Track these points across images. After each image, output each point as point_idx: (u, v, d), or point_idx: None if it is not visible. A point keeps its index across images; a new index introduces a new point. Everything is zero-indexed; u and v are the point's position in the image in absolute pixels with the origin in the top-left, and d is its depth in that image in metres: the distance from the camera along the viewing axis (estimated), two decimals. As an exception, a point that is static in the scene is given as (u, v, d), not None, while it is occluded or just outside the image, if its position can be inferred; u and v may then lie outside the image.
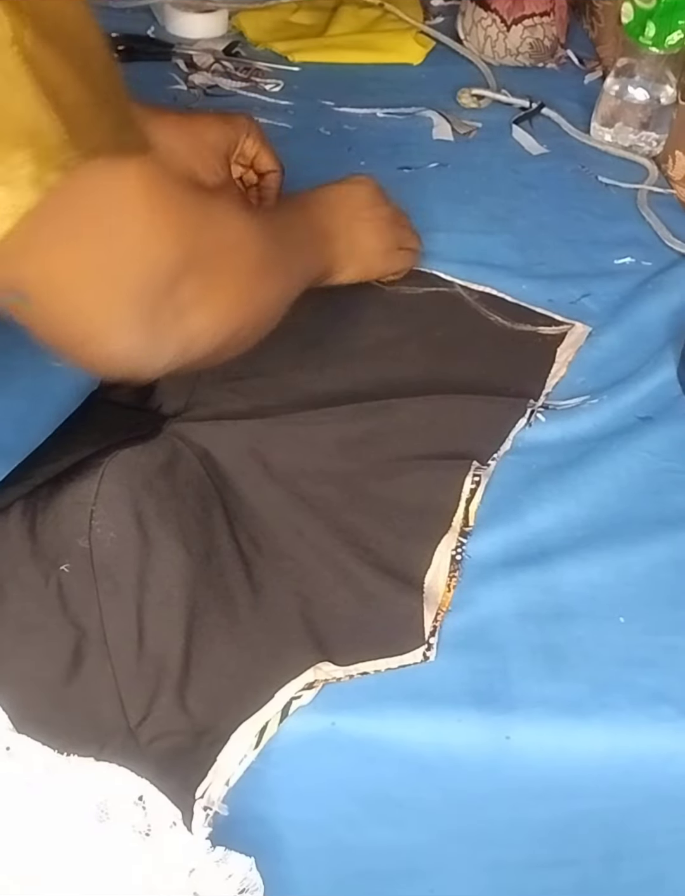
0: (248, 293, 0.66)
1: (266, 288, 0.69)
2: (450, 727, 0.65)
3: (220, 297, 0.63)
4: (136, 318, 0.57)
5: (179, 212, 0.59)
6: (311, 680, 0.65)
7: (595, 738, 0.65)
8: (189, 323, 0.60)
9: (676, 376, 0.91)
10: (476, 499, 0.77)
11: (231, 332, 0.64)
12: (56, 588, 0.65)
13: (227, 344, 0.64)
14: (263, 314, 0.69)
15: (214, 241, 0.62)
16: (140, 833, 0.60)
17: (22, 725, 0.61)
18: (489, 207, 1.12)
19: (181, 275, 0.58)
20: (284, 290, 0.73)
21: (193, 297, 0.59)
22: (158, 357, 0.60)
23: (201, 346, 0.62)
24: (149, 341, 0.58)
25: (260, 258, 0.68)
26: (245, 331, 0.66)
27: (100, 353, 0.58)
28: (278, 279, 0.71)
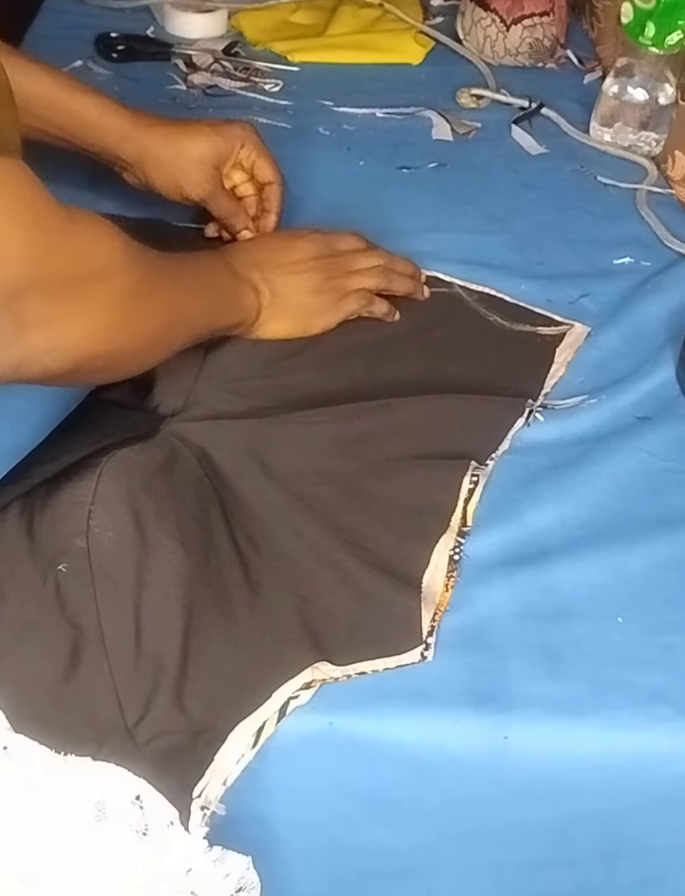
0: (108, 321, 0.65)
1: (132, 325, 0.68)
2: (449, 727, 0.65)
3: (71, 320, 0.62)
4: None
5: (37, 225, 0.59)
6: (309, 680, 0.65)
7: (593, 738, 0.65)
8: (29, 339, 0.59)
9: (675, 376, 0.91)
10: (474, 499, 0.77)
11: (78, 358, 0.64)
12: (53, 588, 0.65)
13: (74, 369, 0.64)
14: (127, 350, 0.69)
15: (74, 265, 0.61)
16: (137, 832, 0.60)
17: (19, 725, 0.61)
18: (488, 207, 1.12)
19: (25, 291, 0.58)
20: (164, 331, 0.72)
21: (38, 315, 0.59)
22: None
23: (39, 367, 0.62)
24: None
25: (128, 293, 0.66)
26: (98, 361, 0.66)
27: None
28: (154, 319, 0.70)
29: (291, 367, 0.85)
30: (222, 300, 0.81)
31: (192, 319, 0.77)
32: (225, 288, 0.81)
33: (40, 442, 0.75)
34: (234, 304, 0.82)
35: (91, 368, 0.66)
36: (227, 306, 0.81)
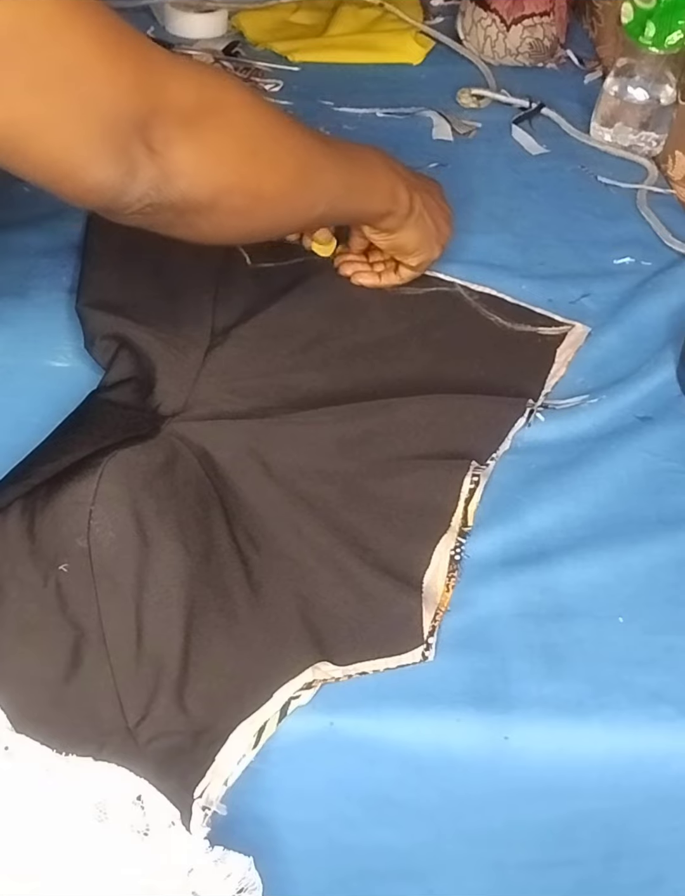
0: (237, 154, 0.69)
1: (266, 161, 0.72)
2: (449, 727, 0.65)
3: (204, 146, 0.67)
4: (108, 153, 0.62)
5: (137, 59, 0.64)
6: (310, 680, 0.65)
7: (594, 738, 0.65)
8: (167, 160, 0.64)
9: (676, 376, 0.91)
10: (475, 499, 0.77)
11: (215, 186, 0.68)
12: (55, 588, 0.65)
13: (213, 199, 0.68)
14: (261, 189, 0.72)
15: (191, 95, 0.66)
16: (138, 833, 0.60)
17: (21, 725, 0.61)
18: (489, 207, 1.11)
19: (149, 116, 0.63)
20: (296, 181, 0.75)
21: (170, 139, 0.64)
22: (134, 188, 0.64)
23: (182, 187, 0.66)
24: (124, 172, 0.63)
25: (250, 132, 0.71)
26: (235, 196, 0.70)
27: (80, 187, 0.63)
28: (284, 167, 0.74)
29: (292, 367, 0.85)
30: (370, 181, 0.83)
31: (332, 188, 0.79)
32: (375, 171, 0.84)
33: (41, 442, 0.75)
34: (384, 190, 0.84)
35: (229, 206, 0.70)
36: (376, 189, 0.83)
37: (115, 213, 0.67)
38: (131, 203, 0.65)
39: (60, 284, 0.93)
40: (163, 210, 0.67)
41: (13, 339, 0.87)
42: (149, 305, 0.87)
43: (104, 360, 0.84)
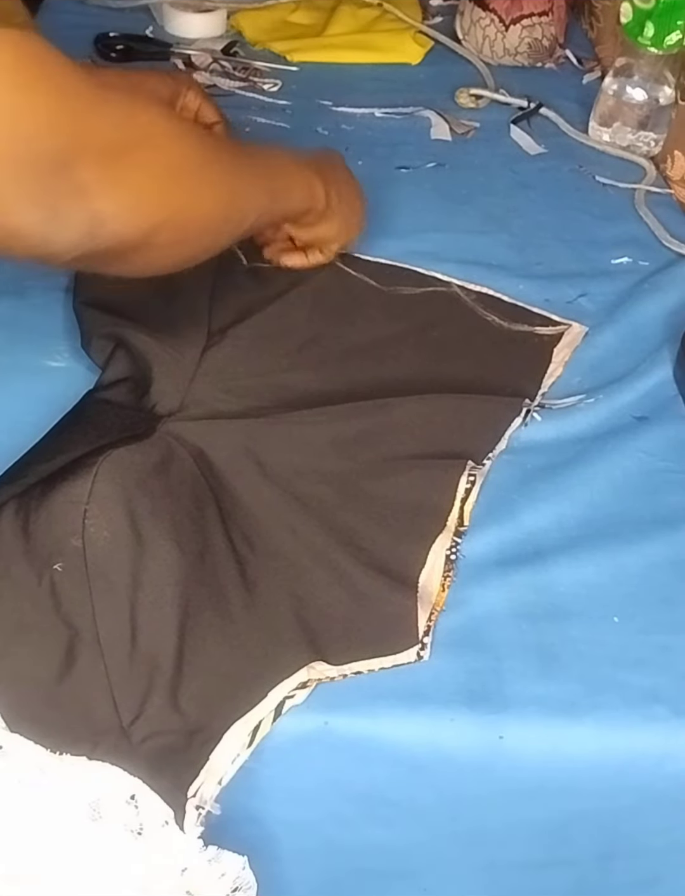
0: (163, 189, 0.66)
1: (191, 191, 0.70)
2: (444, 727, 0.65)
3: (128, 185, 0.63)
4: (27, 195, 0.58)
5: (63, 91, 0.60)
6: (305, 679, 0.65)
7: (588, 738, 0.65)
8: (94, 203, 0.61)
9: (672, 376, 0.91)
10: (471, 498, 0.77)
11: (145, 227, 0.65)
12: (49, 587, 0.65)
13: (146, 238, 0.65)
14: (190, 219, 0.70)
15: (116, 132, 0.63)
16: (132, 832, 0.60)
17: (14, 724, 0.61)
18: (486, 207, 1.12)
19: (73, 156, 0.59)
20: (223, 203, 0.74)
21: (95, 181, 0.60)
22: (63, 234, 0.61)
23: (114, 231, 0.63)
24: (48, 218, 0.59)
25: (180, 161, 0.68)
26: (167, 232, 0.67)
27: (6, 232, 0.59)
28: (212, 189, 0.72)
29: (288, 367, 0.86)
30: (289, 184, 0.84)
31: (258, 200, 0.79)
32: (291, 173, 0.84)
33: (36, 441, 0.75)
34: (301, 189, 0.85)
35: (164, 240, 0.67)
36: (295, 190, 0.84)
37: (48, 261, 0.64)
38: (64, 251, 0.62)
39: (57, 284, 0.93)
40: (97, 255, 0.64)
41: (9, 338, 0.88)
42: (145, 305, 0.87)
43: (100, 360, 0.84)
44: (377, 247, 1.01)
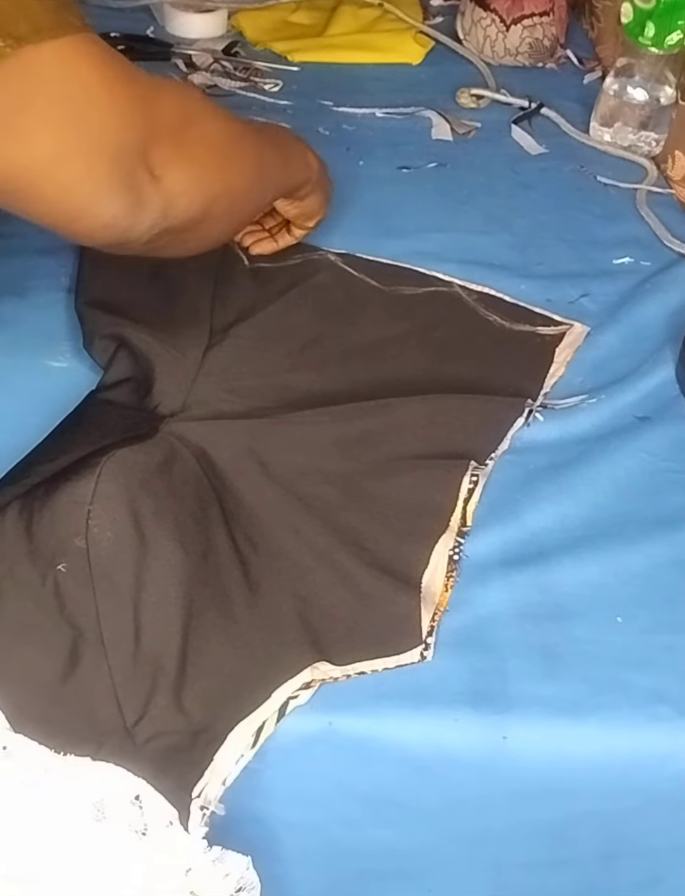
0: (218, 160, 0.72)
1: (236, 162, 0.75)
2: (448, 727, 0.65)
3: (191, 161, 0.68)
4: (117, 186, 0.63)
5: (132, 85, 0.65)
6: (309, 679, 0.65)
7: (592, 738, 0.65)
8: (167, 184, 0.66)
9: (675, 376, 0.90)
10: (474, 499, 0.77)
11: (207, 197, 0.70)
12: (53, 587, 0.65)
13: (206, 211, 0.70)
14: (236, 190, 0.75)
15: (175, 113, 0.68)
16: (137, 832, 0.60)
17: (19, 725, 0.61)
18: (488, 207, 1.11)
19: (148, 141, 0.64)
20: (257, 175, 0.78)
21: (165, 161, 0.66)
22: (143, 218, 0.65)
23: (182, 208, 0.68)
24: (132, 204, 0.64)
25: (225, 132, 0.74)
26: (220, 202, 0.72)
27: (94, 224, 0.64)
28: (250, 159, 0.77)
29: (291, 367, 0.86)
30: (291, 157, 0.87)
31: (277, 174, 0.83)
32: (291, 146, 0.88)
33: (39, 442, 0.75)
34: (301, 161, 0.88)
35: (218, 211, 0.72)
36: (296, 163, 0.87)
37: (125, 247, 0.67)
38: (142, 234, 0.66)
39: (59, 284, 0.93)
40: (164, 234, 0.68)
41: (12, 339, 0.87)
42: (147, 305, 0.87)
43: (103, 360, 0.84)
44: (378, 247, 1.01)
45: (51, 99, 0.60)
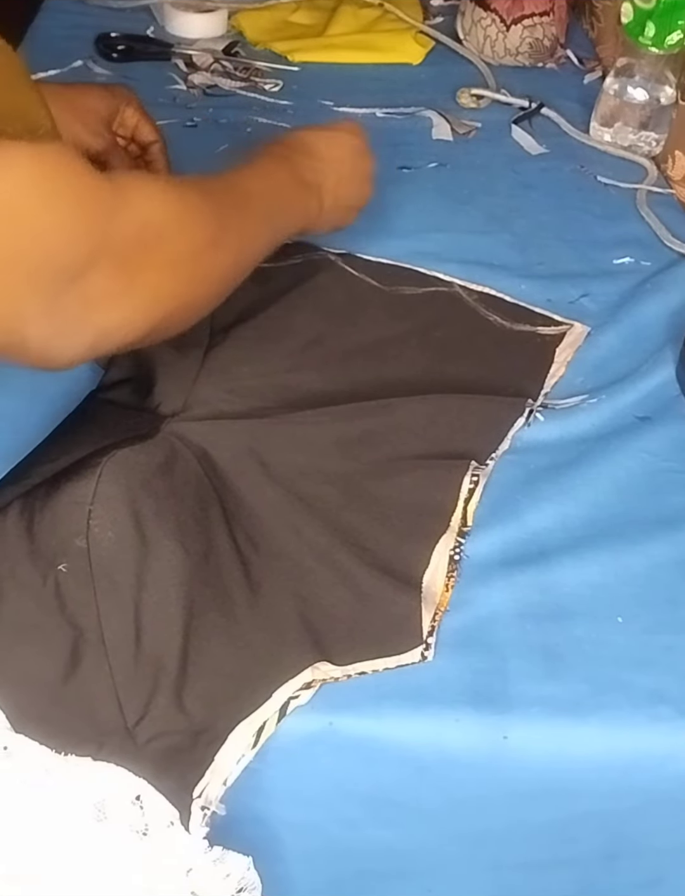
0: (174, 289, 0.64)
1: (203, 277, 0.68)
2: (448, 727, 0.65)
3: (137, 291, 0.61)
4: (39, 309, 0.57)
5: (84, 202, 0.58)
6: (309, 679, 0.65)
7: (593, 738, 0.65)
8: (100, 317, 0.59)
9: (675, 376, 0.91)
10: (474, 498, 0.77)
11: (150, 326, 0.63)
12: (53, 588, 0.65)
13: (150, 333, 0.64)
14: (198, 298, 0.68)
15: (131, 232, 0.60)
16: (138, 833, 0.60)
17: (19, 725, 0.61)
18: (488, 207, 1.12)
19: (87, 267, 0.57)
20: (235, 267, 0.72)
21: (104, 291, 0.58)
22: (66, 349, 0.59)
23: (115, 341, 0.62)
24: (55, 332, 0.58)
25: (193, 249, 0.66)
26: (174, 318, 0.65)
27: (13, 341, 0.58)
28: (225, 261, 0.70)
29: (291, 367, 0.85)
30: (285, 207, 0.81)
31: (263, 236, 0.77)
32: (291, 201, 0.82)
33: (40, 442, 0.75)
34: (298, 214, 0.83)
35: (165, 327, 0.66)
36: (293, 217, 0.82)
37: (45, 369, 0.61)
38: (63, 365, 0.60)
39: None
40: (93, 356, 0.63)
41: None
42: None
43: (103, 360, 0.84)
44: (379, 247, 1.01)
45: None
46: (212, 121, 1.22)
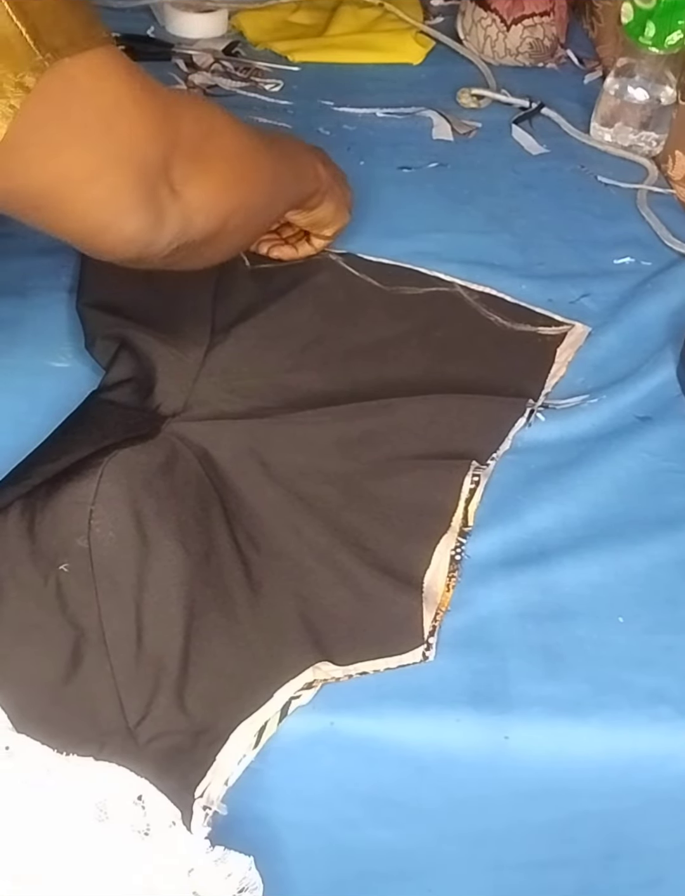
0: (235, 174, 0.72)
1: (253, 175, 0.75)
2: (449, 727, 0.65)
3: (209, 176, 0.68)
4: (141, 201, 0.63)
5: (157, 98, 0.65)
6: (310, 679, 0.65)
7: (593, 738, 0.65)
8: (186, 199, 0.66)
9: (676, 376, 0.91)
10: (475, 499, 0.77)
11: (224, 213, 0.70)
12: (55, 588, 0.65)
13: (222, 226, 0.70)
14: (252, 203, 0.75)
15: (195, 126, 0.68)
16: (139, 833, 0.60)
17: (21, 725, 0.61)
18: (489, 207, 1.11)
19: (170, 155, 0.64)
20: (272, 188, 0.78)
21: (185, 176, 0.65)
22: (163, 234, 0.65)
23: (200, 224, 0.68)
24: (154, 220, 0.64)
25: (242, 145, 0.73)
26: (237, 216, 0.72)
27: (116, 239, 0.64)
28: (265, 173, 0.77)
29: (292, 368, 0.86)
30: (301, 168, 0.86)
31: (290, 186, 0.83)
32: (301, 156, 0.87)
33: (41, 442, 0.75)
34: (310, 171, 0.87)
35: (234, 225, 0.72)
36: (306, 173, 0.87)
37: (144, 262, 0.67)
38: (162, 250, 0.66)
39: (60, 284, 0.93)
40: (182, 249, 0.67)
41: (13, 339, 0.87)
42: (148, 305, 0.87)
43: (104, 361, 0.84)
44: (379, 247, 1.01)
45: (85, 111, 0.60)
46: (212, 121, 1.21)
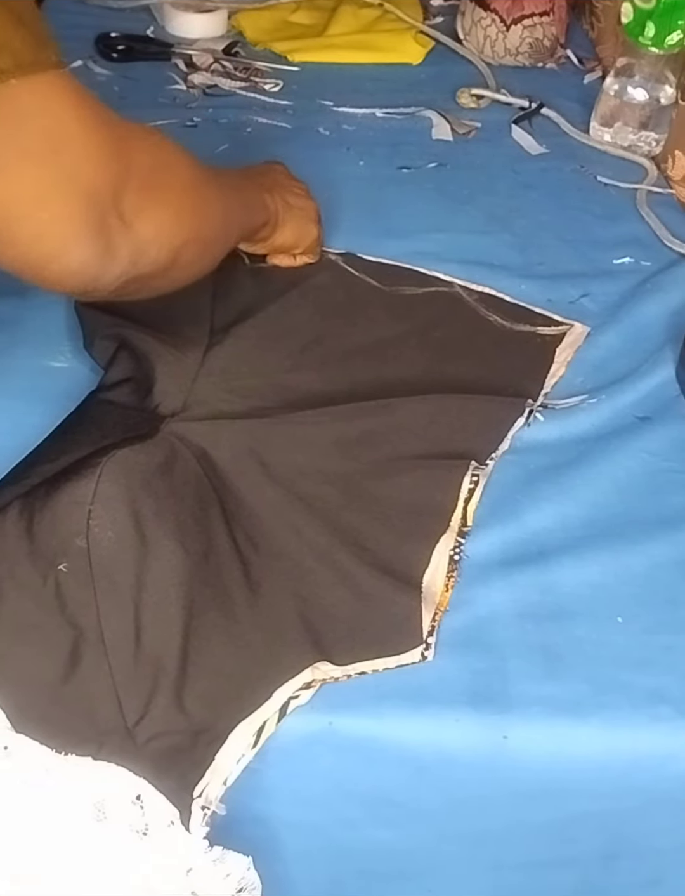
0: (187, 207, 0.70)
1: (204, 208, 0.73)
2: (448, 727, 0.65)
3: (162, 208, 0.67)
4: (88, 232, 0.61)
5: (108, 126, 0.63)
6: (309, 679, 0.65)
7: (593, 738, 0.65)
8: (137, 230, 0.64)
9: (675, 376, 0.91)
10: (474, 498, 0.77)
11: (177, 245, 0.68)
12: (53, 587, 0.65)
13: (175, 259, 0.68)
14: (205, 235, 0.73)
15: (147, 157, 0.66)
16: (138, 832, 0.60)
17: (20, 725, 0.61)
18: (488, 207, 1.12)
19: (121, 185, 0.62)
20: (224, 219, 0.77)
21: (136, 208, 0.63)
22: (112, 266, 0.63)
23: (152, 256, 0.66)
24: (102, 252, 0.62)
25: (193, 178, 0.72)
26: (189, 249, 0.70)
27: (63, 271, 0.62)
28: (216, 205, 0.75)
29: (291, 367, 0.86)
30: (250, 200, 0.86)
31: (238, 211, 0.82)
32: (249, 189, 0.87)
33: (40, 442, 0.75)
34: (259, 203, 0.87)
35: (185, 260, 0.70)
36: (255, 205, 0.86)
37: (92, 294, 0.65)
38: (110, 283, 0.64)
39: (60, 284, 0.93)
40: (133, 282, 0.66)
41: (12, 339, 0.87)
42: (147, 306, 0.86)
43: (103, 360, 0.84)
44: (379, 247, 1.01)
45: (31, 134, 0.58)
46: (212, 121, 1.22)
